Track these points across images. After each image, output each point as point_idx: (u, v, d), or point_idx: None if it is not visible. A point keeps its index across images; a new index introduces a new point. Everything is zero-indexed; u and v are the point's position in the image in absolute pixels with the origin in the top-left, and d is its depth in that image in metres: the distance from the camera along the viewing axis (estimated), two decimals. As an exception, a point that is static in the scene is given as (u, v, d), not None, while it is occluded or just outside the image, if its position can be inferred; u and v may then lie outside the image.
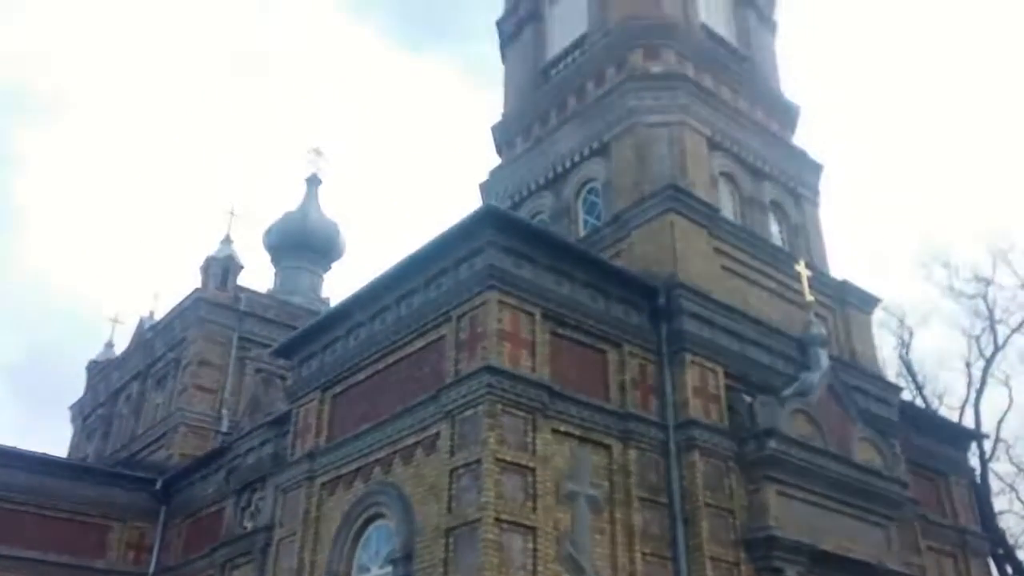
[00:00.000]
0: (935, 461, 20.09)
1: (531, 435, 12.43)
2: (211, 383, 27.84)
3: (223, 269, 29.79)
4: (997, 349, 28.37)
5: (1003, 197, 52.10)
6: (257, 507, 19.27)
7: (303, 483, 15.40)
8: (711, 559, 13.18)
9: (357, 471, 14.40)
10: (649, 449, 13.78)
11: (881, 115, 67.98)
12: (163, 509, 22.81)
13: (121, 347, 34.23)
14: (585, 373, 13.79)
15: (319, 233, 37.26)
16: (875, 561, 15.04)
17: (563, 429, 12.97)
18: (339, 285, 46.98)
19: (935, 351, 32.40)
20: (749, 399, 14.81)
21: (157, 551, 22.35)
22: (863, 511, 15.50)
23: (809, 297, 16.89)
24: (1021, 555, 27.41)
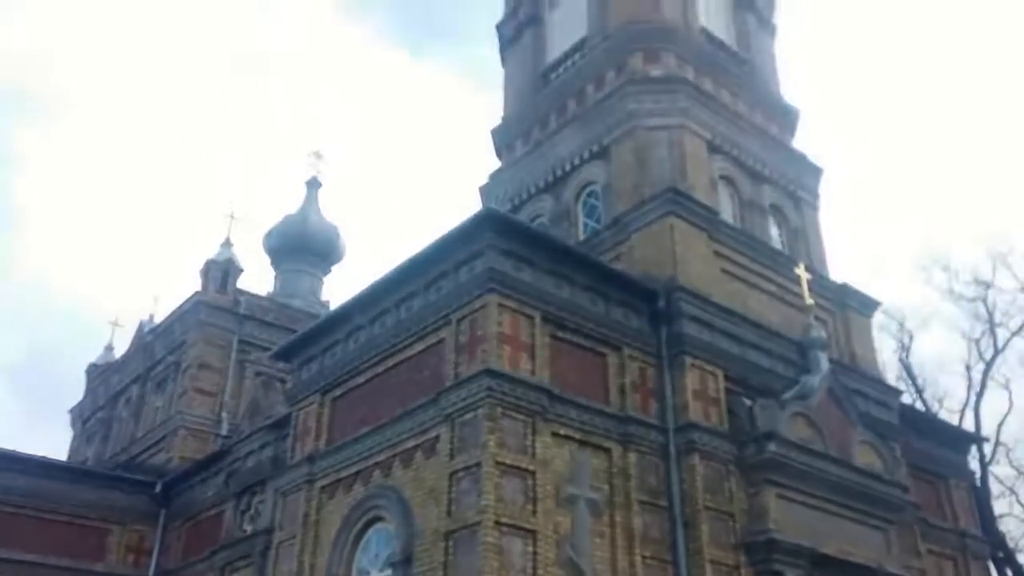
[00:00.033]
0: (935, 464, 20.07)
1: (531, 438, 12.43)
2: (211, 386, 27.85)
3: (223, 272, 29.80)
4: (997, 352, 28.38)
5: (1003, 200, 52.12)
6: (257, 510, 19.26)
7: (303, 486, 15.39)
8: (711, 562, 13.18)
9: (357, 474, 14.40)
10: (649, 452, 13.78)
11: (881, 118, 68.06)
12: (163, 512, 22.81)
13: (121, 350, 34.27)
14: (585, 376, 13.79)
15: (319, 236, 37.27)
16: (875, 564, 15.03)
17: (563, 432, 12.97)
18: (339, 288, 46.96)
19: (935, 354, 32.35)
20: (749, 402, 14.81)
21: (157, 554, 22.36)
22: (863, 514, 15.49)
23: (809, 300, 16.89)
24: (1021, 558, 27.39)
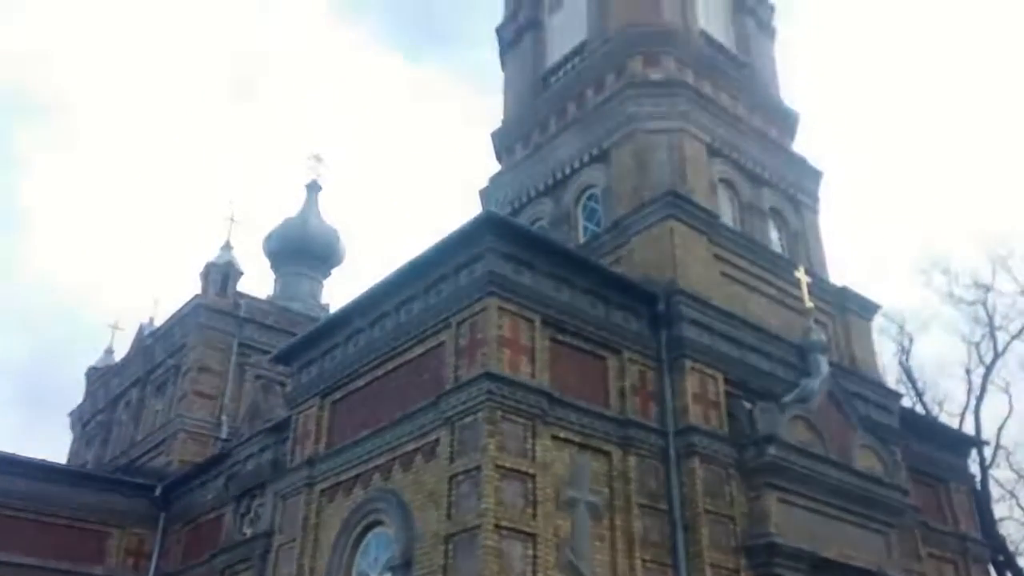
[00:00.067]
0: (935, 468, 20.05)
1: (531, 441, 12.42)
2: (211, 389, 27.83)
3: (223, 275, 29.79)
4: (997, 356, 28.37)
5: (1002, 203, 52.12)
6: (256, 513, 19.24)
7: (302, 489, 15.38)
8: (711, 566, 13.17)
9: (356, 478, 14.39)
10: (649, 456, 13.77)
11: (880, 121, 68.10)
12: (162, 515, 22.79)
13: (121, 353, 34.26)
14: (585, 379, 13.78)
15: (319, 239, 37.27)
16: (875, 568, 15.01)
17: (563, 435, 12.96)
18: (339, 291, 46.97)
19: (935, 357, 32.35)
20: (749, 405, 14.80)
21: (156, 557, 22.34)
22: (864, 518, 15.48)
23: (809, 303, 16.90)
24: (1021, 562, 27.37)
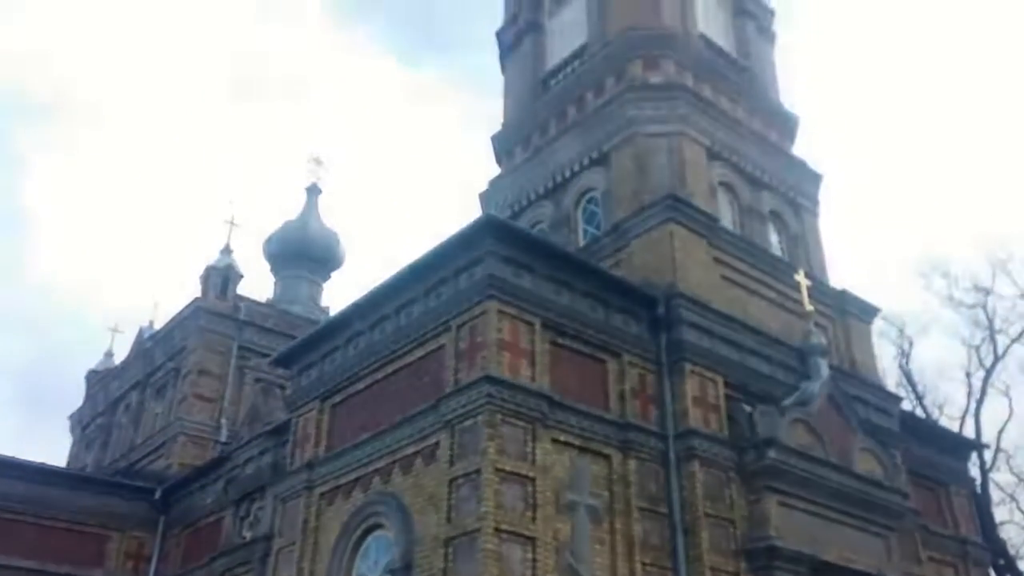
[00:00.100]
0: (935, 471, 20.03)
1: (531, 445, 12.42)
2: (210, 392, 27.79)
3: (223, 278, 29.77)
4: (997, 359, 28.39)
5: (1002, 206, 52.15)
6: (256, 517, 19.22)
7: (302, 493, 15.37)
8: (711, 569, 13.15)
9: (356, 481, 14.38)
10: (649, 459, 13.76)
11: (880, 125, 68.13)
12: (162, 519, 22.75)
13: (120, 356, 34.23)
14: (585, 383, 13.78)
15: (319, 242, 37.28)
16: (876, 571, 15.00)
17: (563, 439, 12.96)
18: (339, 295, 47.00)
19: (935, 361, 32.38)
20: (749, 409, 14.79)
21: (156, 561, 22.30)
22: (864, 521, 15.46)
23: (809, 307, 16.90)
24: (1022, 565, 27.35)
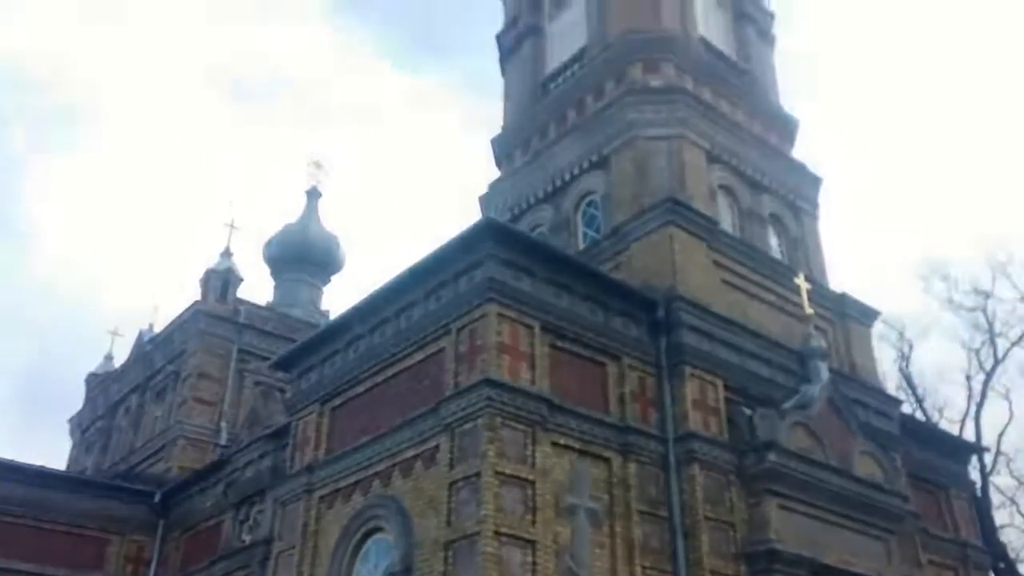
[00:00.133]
0: (936, 474, 20.02)
1: (530, 448, 12.41)
2: (210, 396, 27.78)
3: (223, 282, 29.77)
4: (997, 362, 28.38)
5: (1002, 207, 52.18)
6: (256, 520, 19.20)
7: (302, 496, 15.36)
8: (711, 572, 13.14)
9: (356, 484, 14.37)
10: (649, 462, 13.75)
11: (880, 128, 68.21)
12: (161, 522, 22.71)
13: (120, 359, 34.21)
14: (584, 386, 13.78)
15: (319, 246, 37.29)
16: (876, 575, 14.99)
17: (562, 442, 12.95)
18: (339, 298, 46.99)
19: (935, 364, 32.36)
20: (749, 412, 14.79)
21: (155, 564, 22.26)
22: (864, 524, 15.45)
23: (809, 310, 16.90)
24: (1022, 569, 27.31)
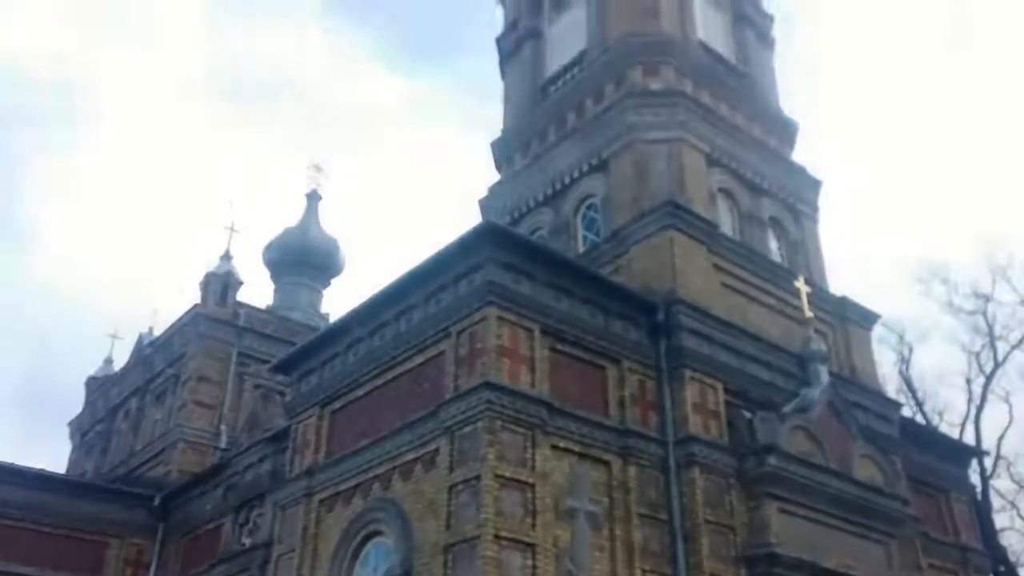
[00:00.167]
0: (936, 478, 20.00)
1: (530, 451, 12.40)
2: (210, 399, 27.78)
3: (222, 285, 29.78)
4: (997, 365, 28.38)
5: (1002, 209, 52.20)
6: (255, 524, 19.21)
7: (301, 500, 15.35)
8: (711, 576, 13.14)
9: (356, 487, 14.36)
10: (649, 465, 13.75)
11: (880, 131, 68.23)
12: (161, 526, 22.75)
13: (120, 363, 34.21)
14: (584, 389, 13.78)
15: (319, 249, 37.31)
16: (876, 578, 14.98)
17: (562, 445, 12.94)
18: (339, 301, 47.04)
19: (935, 367, 32.55)
20: (749, 415, 14.79)
21: (155, 568, 22.30)
22: (864, 528, 15.44)
23: (808, 313, 16.89)
24: (1023, 573, 27.28)
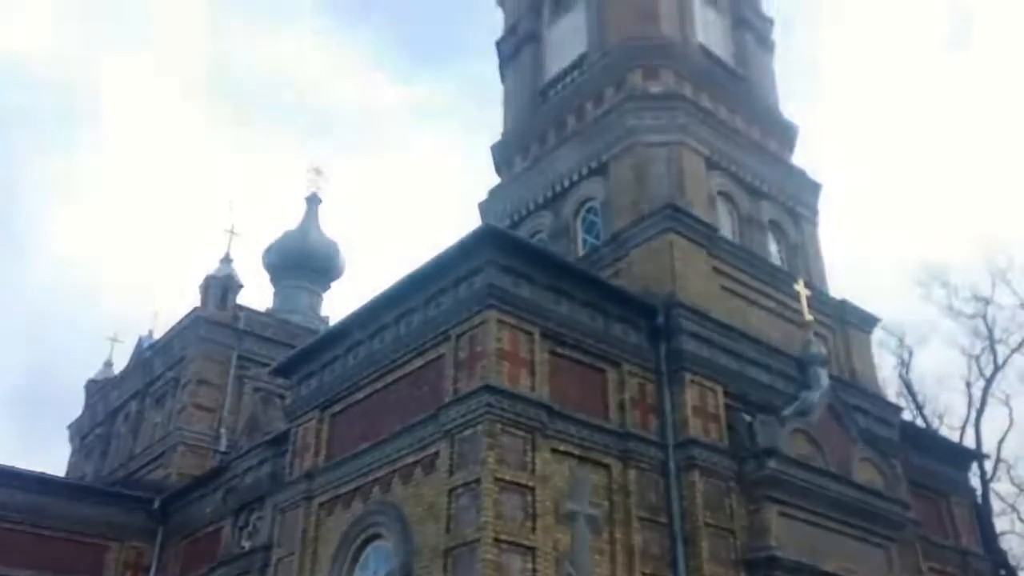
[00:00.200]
0: (936, 481, 19.98)
1: (530, 454, 12.40)
2: (210, 402, 27.77)
3: (222, 288, 29.78)
4: (997, 369, 28.32)
5: (1002, 215, 52.19)
6: (255, 527, 19.20)
7: (301, 503, 15.34)
8: (711, 579, 13.12)
9: (356, 491, 14.35)
10: (649, 468, 13.74)
11: (880, 133, 68.29)
12: (161, 529, 22.73)
13: (120, 366, 34.21)
14: (584, 392, 13.78)
15: (319, 252, 37.34)
16: (876, 582, 14.97)
17: (562, 448, 12.94)
18: (338, 304, 46.99)
19: (935, 371, 32.35)
20: (749, 418, 14.79)
21: (155, 571, 22.28)
22: (864, 532, 15.43)
23: (808, 316, 16.89)
24: (1023, 577, 27.26)
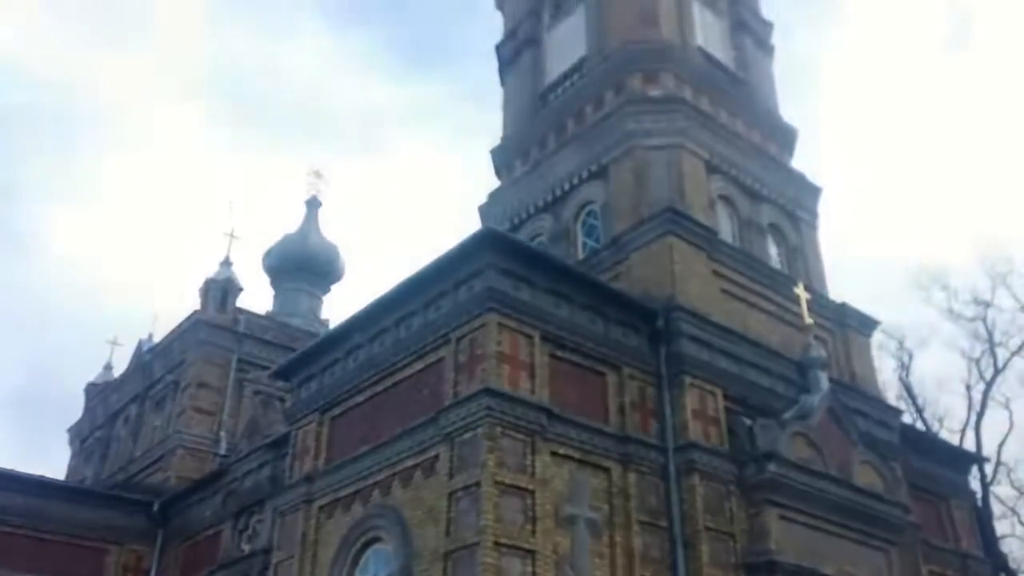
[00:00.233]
0: (936, 484, 19.96)
1: (530, 458, 12.40)
2: (210, 405, 27.76)
3: (222, 291, 29.79)
4: (997, 372, 28.36)
5: (1002, 218, 52.25)
6: (255, 530, 19.18)
7: (301, 506, 15.33)
8: (711, 583, 13.10)
9: (355, 494, 14.34)
10: (649, 472, 13.74)
11: (879, 135, 68.35)
12: (160, 532, 22.71)
13: (119, 369, 34.20)
14: (584, 395, 13.78)
15: (319, 255, 37.36)
16: (876, 585, 14.95)
17: (562, 452, 12.94)
18: (338, 307, 47.00)
19: (935, 374, 32.36)
20: (749, 422, 14.78)
21: (154, 574, 22.24)
22: (864, 535, 15.42)
23: (808, 319, 16.90)
24: (1023, 580, 27.24)
